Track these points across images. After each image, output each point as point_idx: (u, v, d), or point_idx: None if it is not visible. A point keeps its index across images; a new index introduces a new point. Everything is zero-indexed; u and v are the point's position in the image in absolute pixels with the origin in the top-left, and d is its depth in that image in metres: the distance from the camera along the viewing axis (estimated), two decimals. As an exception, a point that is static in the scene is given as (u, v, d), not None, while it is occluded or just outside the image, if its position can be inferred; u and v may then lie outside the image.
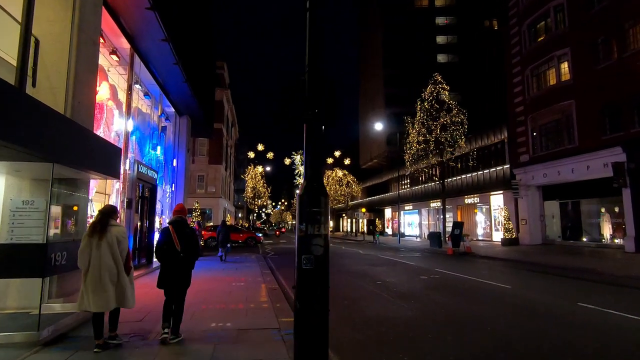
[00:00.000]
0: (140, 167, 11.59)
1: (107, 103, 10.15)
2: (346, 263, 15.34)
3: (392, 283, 10.04)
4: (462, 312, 6.80)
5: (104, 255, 4.40)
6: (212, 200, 35.70)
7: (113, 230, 4.56)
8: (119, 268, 4.51)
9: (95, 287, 4.36)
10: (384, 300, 7.93)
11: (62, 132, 5.31)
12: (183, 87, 14.46)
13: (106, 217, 4.63)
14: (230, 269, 12.90)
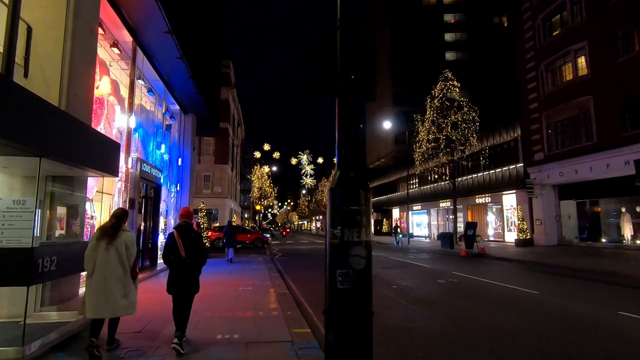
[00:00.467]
0: (143, 166, 11.13)
1: (108, 98, 9.69)
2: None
3: (409, 287, 9.45)
4: (494, 323, 6.19)
5: (112, 261, 4.30)
6: (218, 201, 35.30)
7: (123, 235, 4.46)
8: (125, 274, 4.41)
9: (98, 293, 4.24)
10: (402, 307, 7.35)
11: (53, 124, 4.81)
12: (188, 83, 13.99)
13: (120, 222, 4.53)
14: (237, 271, 12.40)
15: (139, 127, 12.71)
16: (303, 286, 9.88)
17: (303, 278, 11.50)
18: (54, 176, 5.90)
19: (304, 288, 9.57)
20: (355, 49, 2.44)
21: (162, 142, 13.93)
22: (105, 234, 4.40)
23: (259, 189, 46.51)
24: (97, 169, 5.91)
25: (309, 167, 46.68)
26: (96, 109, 8.63)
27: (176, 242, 4.65)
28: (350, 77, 2.36)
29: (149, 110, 13.80)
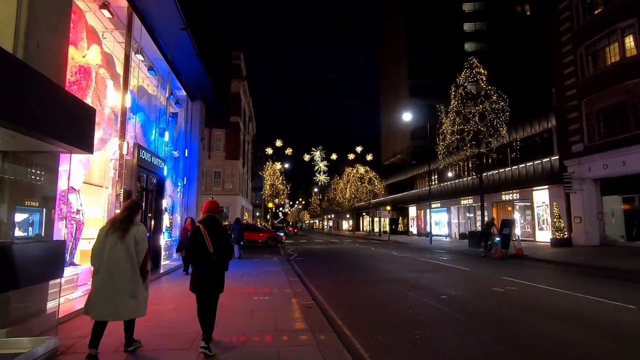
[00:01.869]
0: (142, 153, 9.60)
1: (97, 70, 8.16)
2: (386, 268, 13.04)
3: (462, 298, 7.70)
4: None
5: (120, 257, 3.95)
6: (229, 198, 33.88)
7: (133, 229, 4.10)
8: (134, 273, 4.04)
9: (103, 293, 3.89)
10: (467, 328, 5.62)
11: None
12: (193, 62, 12.44)
13: (132, 214, 4.20)
14: (250, 274, 10.81)
15: (139, 110, 11.20)
16: (330, 295, 8.22)
17: (328, 284, 9.84)
18: (4, 151, 4.34)
19: (332, 298, 7.90)
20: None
21: (166, 129, 12.41)
22: (114, 227, 4.04)
23: (271, 185, 45.00)
24: (64, 141, 4.31)
25: (323, 163, 44.92)
26: (79, 79, 7.10)
27: (203, 237, 4.30)
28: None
29: (150, 94, 12.30)
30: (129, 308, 3.96)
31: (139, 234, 4.11)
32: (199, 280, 4.35)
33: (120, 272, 3.93)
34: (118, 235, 3.98)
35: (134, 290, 4.01)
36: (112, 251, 3.93)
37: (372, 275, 11.47)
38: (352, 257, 18.02)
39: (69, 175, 6.92)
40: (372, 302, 7.54)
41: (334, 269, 13.04)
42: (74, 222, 7.79)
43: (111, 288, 3.89)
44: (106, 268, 3.90)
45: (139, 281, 4.07)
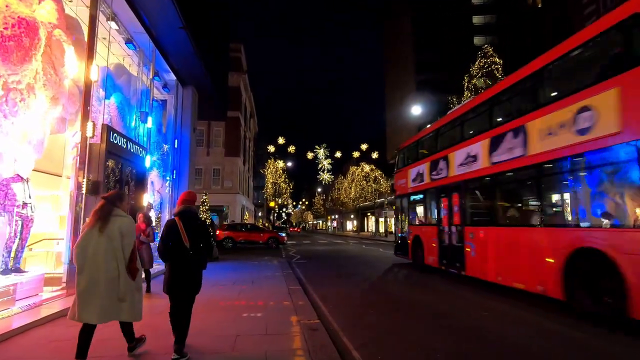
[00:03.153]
0: (113, 136, 8.04)
1: (52, 31, 6.61)
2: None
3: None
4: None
5: (104, 253, 3.52)
6: (228, 197, 32.32)
7: (117, 221, 3.64)
8: (120, 270, 3.58)
9: (88, 292, 3.46)
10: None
11: None
12: (181, 38, 10.91)
13: (109, 205, 3.71)
14: (244, 281, 9.21)
15: (116, 90, 9.66)
16: (339, 309, 6.60)
17: (336, 294, 8.23)
18: None
19: (342, 313, 6.29)
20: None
21: (149, 114, 10.85)
22: (94, 220, 3.60)
23: (273, 184, 43.42)
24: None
25: (326, 161, 43.25)
26: (18, 34, 5.54)
27: (178, 231, 3.88)
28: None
29: (131, 73, 10.76)
30: (118, 310, 3.58)
31: (124, 226, 3.68)
32: (174, 279, 3.92)
33: (104, 270, 3.52)
34: (97, 227, 3.57)
35: (124, 290, 3.59)
36: (95, 246, 3.53)
37: (386, 283, 9.85)
38: (360, 259, 16.40)
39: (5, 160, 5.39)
40: (393, 319, 5.93)
41: (341, 274, 11.42)
42: (18, 217, 6.24)
43: (95, 287, 3.48)
44: (89, 266, 3.50)
45: (128, 280, 3.64)
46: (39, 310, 5.66)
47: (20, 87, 5.83)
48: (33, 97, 6.11)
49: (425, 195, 11.75)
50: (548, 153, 6.53)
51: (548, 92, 6.95)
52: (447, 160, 10.13)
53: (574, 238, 5.91)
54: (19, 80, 5.75)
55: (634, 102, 5.03)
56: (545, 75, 6.97)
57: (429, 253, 11.01)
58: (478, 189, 9.15)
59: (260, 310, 6.16)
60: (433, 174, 10.99)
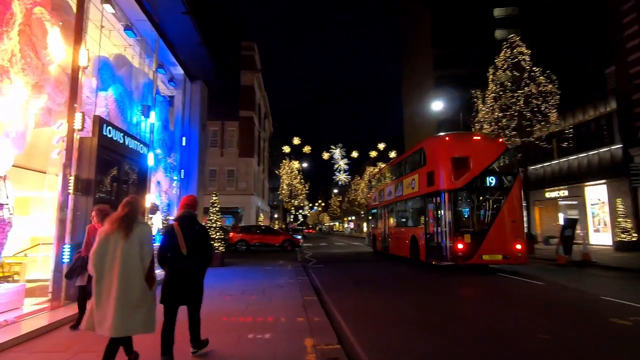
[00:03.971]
0: (107, 130, 7.22)
1: (31, 9, 5.83)
2: (431, 282, 10.26)
3: (576, 342, 4.92)
4: None
5: (125, 261, 3.33)
6: (243, 198, 31.61)
7: (137, 228, 3.45)
8: (139, 280, 3.39)
9: (106, 302, 3.27)
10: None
11: None
12: (185, 24, 10.09)
13: (135, 211, 3.54)
14: (255, 290, 8.28)
15: (116, 82, 8.89)
16: (365, 329, 5.57)
17: (358, 307, 7.21)
18: None
19: (369, 337, 5.25)
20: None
21: (152, 108, 10.06)
22: (116, 226, 3.39)
23: (288, 185, 42.56)
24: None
25: (343, 161, 42.15)
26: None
27: (176, 237, 3.77)
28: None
29: (134, 65, 10.00)
30: (137, 321, 3.36)
31: (143, 234, 3.52)
32: (170, 288, 3.79)
33: (127, 279, 3.35)
34: (120, 235, 3.39)
35: (144, 299, 3.43)
36: (114, 254, 3.35)
37: (416, 293, 8.76)
38: (382, 264, 15.29)
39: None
40: (426, 342, 4.87)
41: (362, 282, 10.36)
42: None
43: (117, 297, 3.29)
44: (109, 275, 3.33)
45: (147, 289, 3.46)
46: (12, 329, 4.84)
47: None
48: (8, 82, 5.33)
49: (377, 211, 20.39)
50: (407, 195, 14.91)
51: (406, 169, 15.63)
52: (382, 192, 19.18)
53: (411, 231, 14.15)
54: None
55: (422, 181, 13.06)
56: (402, 163, 16.51)
57: (378, 246, 19.73)
58: (391, 208, 17.54)
59: (269, 329, 5.19)
60: (378, 198, 20.13)
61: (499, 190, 11.75)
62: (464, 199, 11.86)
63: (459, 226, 11.37)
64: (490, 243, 11.16)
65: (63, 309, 5.95)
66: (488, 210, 11.84)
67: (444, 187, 11.61)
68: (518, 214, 11.82)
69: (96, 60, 8.24)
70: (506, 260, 11.35)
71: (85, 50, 6.66)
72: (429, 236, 12.38)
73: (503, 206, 11.57)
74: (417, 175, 13.67)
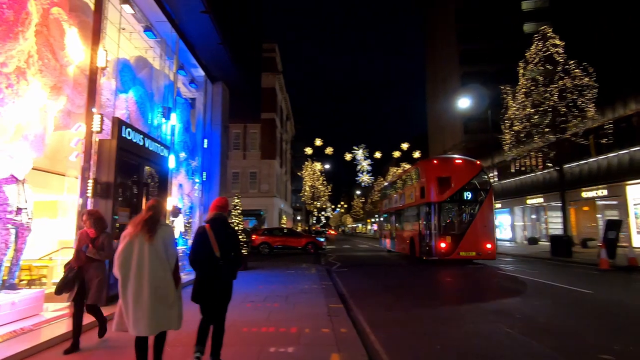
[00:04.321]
0: (127, 132, 7.09)
1: (51, 10, 5.74)
2: (461, 287, 9.67)
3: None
4: None
5: (152, 263, 3.38)
6: (266, 200, 31.57)
7: (160, 230, 3.50)
8: (168, 279, 3.46)
9: (137, 303, 3.31)
10: None
11: None
12: (205, 24, 9.93)
13: (158, 214, 3.59)
14: (278, 296, 7.96)
15: (136, 84, 8.80)
16: (397, 342, 5.13)
17: (387, 316, 6.76)
18: None
19: (401, 352, 4.81)
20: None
21: (173, 110, 9.95)
22: (142, 229, 3.42)
23: (311, 187, 42.30)
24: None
25: (365, 162, 41.52)
26: (2, 9, 4.62)
27: (208, 239, 3.77)
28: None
29: (155, 68, 9.93)
30: (168, 319, 3.44)
31: (167, 236, 3.57)
32: (203, 288, 3.83)
33: (154, 280, 3.36)
34: (145, 238, 3.39)
35: (172, 298, 3.47)
36: (141, 256, 3.35)
37: (443, 299, 8.21)
38: (408, 267, 14.71)
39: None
40: None
41: (389, 287, 9.88)
42: (11, 225, 5.34)
43: (143, 298, 3.32)
44: (137, 276, 3.34)
45: (174, 289, 3.51)
46: (28, 337, 4.69)
47: (6, 71, 4.93)
48: (24, 84, 5.22)
49: (386, 216, 23.81)
50: (407, 204, 18.09)
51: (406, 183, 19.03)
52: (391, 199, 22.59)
53: (410, 233, 17.08)
54: (3, 62, 4.85)
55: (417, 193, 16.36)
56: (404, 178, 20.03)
57: (387, 244, 22.98)
58: (397, 214, 20.47)
59: (292, 341, 4.83)
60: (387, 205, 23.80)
61: (474, 201, 14.95)
62: (447, 209, 15.12)
63: (442, 230, 14.50)
64: (466, 243, 14.23)
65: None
66: (465, 217, 15.12)
67: (432, 199, 14.80)
68: (489, 220, 14.74)
69: (117, 62, 8.16)
70: (478, 256, 14.34)
71: (104, 51, 6.53)
72: (421, 237, 15.49)
73: (477, 214, 14.67)
74: (413, 188, 17.27)
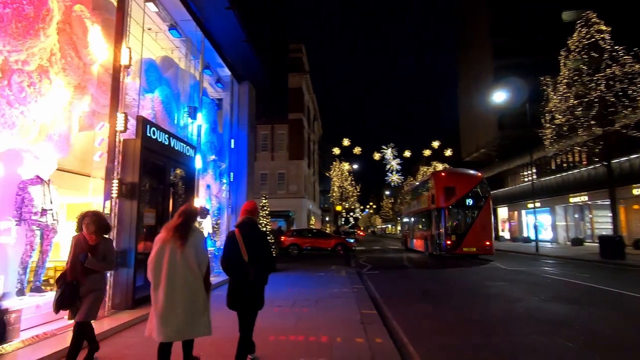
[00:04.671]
0: (151, 131, 6.93)
1: (73, 7, 5.64)
2: (512, 295, 8.94)
3: None
4: None
5: (182, 269, 3.37)
6: (294, 201, 31.41)
7: (191, 237, 3.47)
8: (198, 286, 3.43)
9: (167, 309, 3.28)
10: None
11: None
12: (230, 22, 9.74)
13: (191, 220, 3.58)
14: (307, 300, 7.59)
15: (162, 84, 8.71)
16: (440, 356, 4.61)
17: (426, 325, 6.22)
18: None
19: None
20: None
21: (199, 109, 9.81)
22: (174, 234, 3.41)
23: (339, 187, 41.82)
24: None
25: (395, 161, 40.58)
26: (18, 1, 4.50)
27: (237, 243, 3.75)
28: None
29: (181, 68, 9.84)
30: (198, 325, 3.40)
31: (198, 242, 3.51)
32: (234, 294, 3.77)
33: (185, 286, 3.35)
34: (177, 244, 3.36)
35: (202, 305, 3.44)
36: (173, 261, 3.33)
37: (485, 305, 7.54)
38: (443, 270, 13.96)
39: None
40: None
41: (425, 291, 9.27)
42: (37, 227, 5.25)
43: (174, 304, 3.30)
44: (167, 282, 3.31)
45: (205, 295, 3.49)
46: (51, 342, 4.54)
47: (28, 69, 4.83)
48: (47, 82, 5.11)
49: (406, 219, 28.32)
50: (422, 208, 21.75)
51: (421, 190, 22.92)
52: (410, 204, 26.65)
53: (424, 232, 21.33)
54: (24, 60, 4.74)
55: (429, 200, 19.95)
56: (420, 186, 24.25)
57: (408, 243, 26.36)
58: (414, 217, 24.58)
59: (323, 353, 4.42)
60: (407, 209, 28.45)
61: (475, 207, 18.38)
62: (452, 213, 18.38)
63: (449, 230, 17.90)
64: (468, 240, 17.56)
65: (108, 319, 5.65)
66: (468, 219, 18.35)
67: (440, 205, 18.40)
68: (488, 222, 18.26)
69: (142, 62, 8.08)
70: (479, 251, 17.59)
71: (127, 49, 6.40)
72: (432, 236, 19.27)
73: (477, 217, 18.05)
74: (427, 195, 20.75)
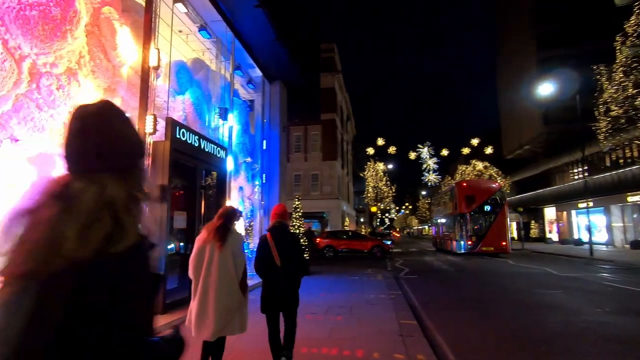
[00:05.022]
0: (181, 133, 6.84)
1: (102, 9, 5.61)
2: (574, 307, 8.09)
3: None
4: None
5: (220, 270, 3.44)
6: (328, 202, 31.07)
7: (229, 238, 3.54)
8: (233, 287, 3.47)
9: (202, 308, 3.39)
10: None
11: None
12: (259, 21, 9.56)
13: (229, 222, 3.64)
14: (341, 307, 7.20)
15: (193, 86, 8.66)
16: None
17: (473, 337, 5.64)
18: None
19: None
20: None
21: (230, 110, 9.71)
22: (213, 235, 3.49)
23: (374, 188, 41.05)
24: None
25: (431, 161, 39.26)
26: (47, 2, 4.46)
27: (269, 248, 3.84)
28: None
29: (212, 69, 9.79)
30: (229, 325, 3.45)
31: (236, 244, 3.56)
32: (267, 297, 3.83)
33: (220, 287, 3.41)
34: (216, 245, 3.43)
35: (236, 306, 3.48)
36: (210, 263, 3.42)
37: (539, 316, 6.79)
38: (489, 276, 13.06)
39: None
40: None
41: (468, 298, 8.60)
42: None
43: (210, 304, 3.37)
44: (205, 281, 3.41)
45: (241, 295, 3.53)
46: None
47: (57, 72, 4.81)
48: (76, 85, 5.08)
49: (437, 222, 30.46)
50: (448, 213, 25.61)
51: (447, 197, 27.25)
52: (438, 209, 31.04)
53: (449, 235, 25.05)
54: (53, 63, 4.72)
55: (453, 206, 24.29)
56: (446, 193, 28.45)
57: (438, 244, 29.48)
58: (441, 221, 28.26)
59: (358, 370, 4.03)
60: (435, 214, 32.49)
61: (492, 212, 21.72)
62: (472, 217, 21.62)
63: (470, 232, 21.29)
64: (487, 241, 20.95)
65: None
66: (486, 223, 21.64)
67: (462, 211, 21.84)
68: (503, 225, 21.40)
69: (173, 64, 8.06)
70: (496, 250, 20.66)
71: (155, 50, 6.33)
72: (456, 237, 22.50)
73: (494, 221, 21.39)
74: (451, 202, 24.49)
